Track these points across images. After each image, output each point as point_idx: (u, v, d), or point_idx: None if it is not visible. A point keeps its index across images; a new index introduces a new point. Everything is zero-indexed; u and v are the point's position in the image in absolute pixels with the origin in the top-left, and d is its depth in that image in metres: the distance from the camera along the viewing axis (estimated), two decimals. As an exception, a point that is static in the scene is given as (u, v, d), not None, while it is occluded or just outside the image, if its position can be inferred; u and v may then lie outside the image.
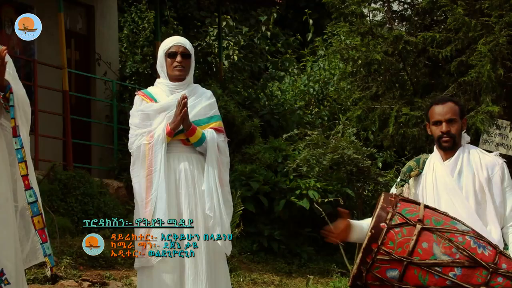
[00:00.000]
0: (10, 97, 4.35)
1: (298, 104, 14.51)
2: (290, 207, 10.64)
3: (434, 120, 4.24)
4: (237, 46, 15.51)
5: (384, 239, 3.58)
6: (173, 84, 4.86)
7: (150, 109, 4.83)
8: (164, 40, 5.00)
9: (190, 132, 4.76)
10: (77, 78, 12.45)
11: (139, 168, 4.77)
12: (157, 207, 4.65)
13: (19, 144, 4.35)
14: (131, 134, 4.86)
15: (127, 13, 15.14)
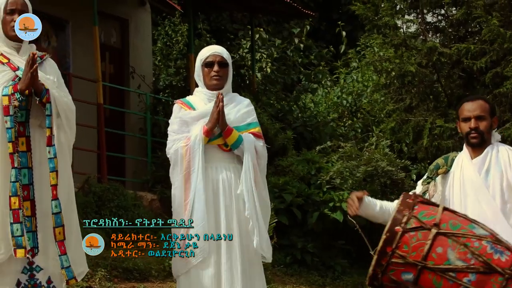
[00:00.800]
0: (47, 106, 4.40)
1: (331, 116, 14.48)
2: (323, 220, 10.60)
3: (463, 117, 4.24)
4: (270, 58, 15.53)
5: (399, 243, 3.57)
6: (211, 93, 4.86)
7: (188, 116, 4.84)
8: (201, 50, 5.01)
9: (226, 132, 4.75)
10: (112, 91, 12.55)
11: (177, 172, 4.76)
12: (195, 207, 4.64)
13: (53, 153, 4.39)
14: (169, 140, 4.86)
15: (161, 26, 15.24)
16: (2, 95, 4.33)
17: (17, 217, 4.26)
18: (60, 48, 11.74)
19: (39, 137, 4.46)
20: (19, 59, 4.48)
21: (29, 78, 4.33)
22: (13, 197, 4.27)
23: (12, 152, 4.29)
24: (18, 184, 4.27)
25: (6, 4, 4.49)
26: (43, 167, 4.42)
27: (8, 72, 4.44)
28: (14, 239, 4.25)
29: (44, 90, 4.40)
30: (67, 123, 4.51)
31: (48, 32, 11.55)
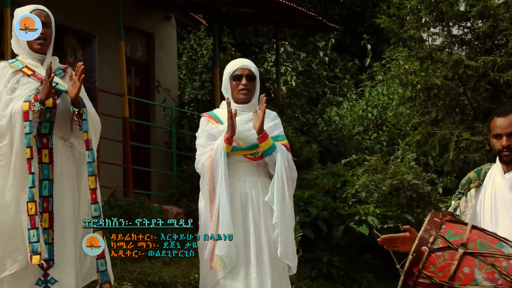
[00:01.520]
0: (84, 111, 4.44)
1: (357, 129, 14.43)
2: (349, 233, 10.55)
3: (494, 133, 4.11)
4: (295, 71, 15.54)
5: (426, 263, 3.53)
6: (238, 106, 4.87)
7: (215, 130, 4.85)
8: (225, 66, 5.02)
9: (262, 137, 4.74)
10: (137, 105, 12.61)
11: (204, 184, 4.77)
12: (220, 218, 4.64)
13: (91, 157, 4.43)
14: (197, 154, 4.87)
15: (186, 40, 15.31)
16: (24, 101, 4.37)
17: (33, 223, 4.26)
18: (87, 62, 11.81)
19: (62, 149, 4.49)
20: (42, 70, 4.52)
21: (48, 87, 4.37)
22: (30, 202, 4.28)
23: (29, 158, 4.31)
24: (34, 190, 4.28)
25: None
26: (63, 180, 4.44)
27: (33, 83, 4.49)
28: (31, 245, 4.26)
29: (82, 102, 4.45)
30: (95, 133, 4.55)
31: (75, 46, 11.64)
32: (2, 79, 4.48)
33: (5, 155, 4.36)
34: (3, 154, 4.37)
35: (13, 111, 4.36)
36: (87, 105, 4.52)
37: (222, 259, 4.60)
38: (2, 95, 4.42)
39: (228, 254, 4.59)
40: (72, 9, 11.05)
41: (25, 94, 4.43)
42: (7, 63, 4.58)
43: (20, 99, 4.40)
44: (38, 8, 4.58)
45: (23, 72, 4.51)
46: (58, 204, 4.41)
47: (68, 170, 4.47)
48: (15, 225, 4.31)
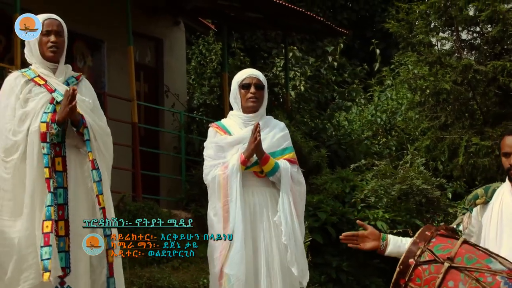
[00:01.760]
0: (85, 132, 4.45)
1: (366, 134, 14.42)
2: (358, 239, 10.52)
3: (504, 151, 4.09)
4: (304, 76, 15.53)
5: (412, 276, 3.57)
6: (247, 116, 4.88)
7: (224, 141, 4.86)
8: (233, 72, 5.04)
9: (263, 160, 4.77)
10: (146, 110, 12.63)
11: (215, 200, 4.78)
12: (234, 238, 4.65)
13: (98, 177, 4.44)
14: (205, 166, 4.88)
15: (195, 45, 15.33)
16: (41, 121, 4.38)
17: (47, 241, 4.28)
18: (96, 68, 11.86)
19: (75, 157, 4.50)
20: (55, 80, 4.53)
21: (67, 112, 4.38)
22: (46, 221, 4.29)
23: (48, 177, 4.33)
24: (52, 209, 4.30)
25: (42, 25, 4.54)
26: (77, 188, 4.45)
27: (46, 94, 4.49)
28: (42, 262, 4.27)
29: (81, 121, 4.45)
30: (104, 146, 4.56)
31: (84, 52, 11.68)
32: (15, 90, 4.49)
33: (12, 168, 4.38)
34: (11, 167, 4.38)
35: (30, 130, 4.38)
36: (90, 121, 4.50)
37: (230, 278, 4.62)
38: (16, 109, 4.43)
39: (237, 273, 4.61)
40: (81, 14, 11.08)
41: (39, 108, 4.43)
42: (20, 73, 4.59)
43: (37, 116, 4.40)
44: (51, 17, 4.60)
45: (35, 82, 4.52)
46: (73, 212, 4.43)
47: (82, 178, 4.49)
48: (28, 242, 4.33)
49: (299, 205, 4.86)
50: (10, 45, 9.94)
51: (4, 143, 4.40)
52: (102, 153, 4.54)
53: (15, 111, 4.43)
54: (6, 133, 4.40)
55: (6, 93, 4.50)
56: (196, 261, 8.59)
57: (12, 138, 4.38)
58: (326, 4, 19.25)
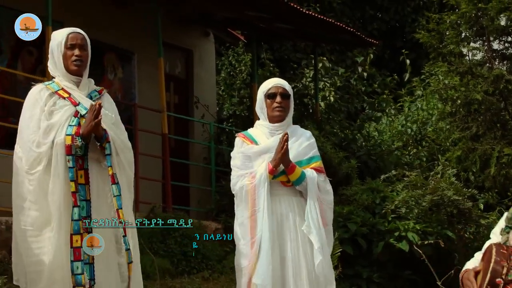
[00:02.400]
0: (106, 146, 4.47)
1: (396, 145, 14.34)
2: (389, 249, 10.46)
3: None
4: (334, 87, 15.50)
5: None
6: (273, 126, 4.89)
7: (251, 151, 4.87)
8: (262, 83, 5.05)
9: (289, 170, 4.76)
10: (176, 121, 12.68)
11: (243, 209, 4.79)
12: (261, 247, 4.65)
13: (118, 191, 4.45)
14: (232, 176, 4.90)
15: (225, 56, 15.38)
16: (66, 134, 4.41)
17: (78, 255, 4.30)
18: (126, 79, 11.93)
19: (97, 170, 4.52)
20: (79, 94, 4.55)
21: (92, 126, 4.40)
22: (75, 235, 4.32)
23: (74, 191, 4.35)
24: (81, 223, 4.33)
25: (67, 39, 4.57)
26: (100, 200, 4.47)
27: (70, 107, 4.51)
28: (74, 277, 4.29)
29: (104, 136, 4.48)
30: (126, 161, 4.58)
31: (115, 63, 11.75)
32: (39, 102, 4.51)
33: (36, 180, 4.40)
34: (35, 179, 4.40)
35: (55, 142, 4.40)
36: (113, 135, 4.52)
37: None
38: (41, 121, 4.46)
39: (265, 284, 4.61)
40: (112, 26, 11.17)
41: (63, 121, 4.45)
42: (44, 85, 4.61)
43: (62, 129, 4.43)
44: (75, 31, 4.62)
45: (59, 95, 4.54)
46: (96, 225, 4.44)
47: (103, 191, 4.50)
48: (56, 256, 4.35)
49: (326, 214, 4.85)
50: (42, 57, 10.03)
51: (28, 155, 4.42)
52: (123, 168, 4.55)
53: (40, 122, 4.45)
54: (30, 145, 4.42)
55: (31, 105, 4.53)
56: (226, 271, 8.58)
57: (36, 150, 4.40)
58: (356, 15, 19.21)
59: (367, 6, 19.30)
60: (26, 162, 4.42)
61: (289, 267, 4.71)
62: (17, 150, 4.50)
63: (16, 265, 4.47)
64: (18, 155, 4.47)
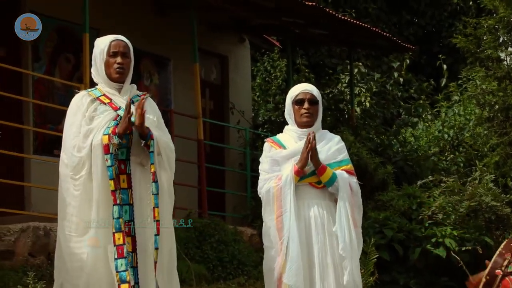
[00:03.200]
0: (150, 143, 4.50)
1: (433, 150, 14.24)
2: (426, 255, 10.39)
3: None
4: (369, 92, 15.44)
5: (499, 286, 3.49)
6: (301, 131, 4.89)
7: (279, 155, 4.88)
8: (291, 89, 5.05)
9: (320, 170, 4.76)
10: (212, 127, 12.71)
11: (269, 212, 4.81)
12: (289, 248, 4.65)
13: (156, 190, 4.47)
14: (260, 179, 4.93)
15: (260, 62, 15.39)
16: (103, 134, 4.44)
17: (121, 253, 4.34)
18: (162, 85, 12.00)
19: (140, 174, 4.54)
20: (120, 99, 4.58)
21: (126, 122, 4.43)
22: (117, 233, 4.35)
23: (114, 190, 4.38)
24: (121, 220, 4.36)
25: (109, 47, 4.60)
26: (143, 204, 4.49)
27: (110, 112, 4.54)
28: (118, 274, 4.32)
29: (149, 134, 4.50)
30: (168, 162, 4.59)
31: (151, 70, 11.83)
32: (81, 108, 4.55)
33: (82, 185, 4.44)
34: (80, 184, 4.44)
35: (93, 144, 4.44)
36: (156, 135, 4.55)
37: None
38: (82, 126, 4.50)
39: (296, 284, 4.61)
40: (147, 33, 11.24)
41: (103, 124, 4.49)
42: (86, 92, 4.66)
43: (100, 131, 4.47)
44: (118, 39, 4.65)
45: (100, 100, 4.58)
46: (139, 228, 4.47)
47: (146, 195, 4.52)
48: (96, 257, 4.38)
49: (357, 216, 4.84)
50: (79, 64, 10.13)
51: (70, 161, 4.47)
52: (165, 168, 4.57)
53: (80, 128, 4.49)
54: (71, 150, 4.47)
55: (73, 111, 4.58)
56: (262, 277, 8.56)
57: (77, 155, 4.45)
58: (392, 20, 19.13)
59: (403, 11, 19.20)
60: (70, 168, 4.46)
61: (316, 271, 4.71)
62: (62, 156, 4.55)
63: (59, 270, 4.52)
64: (64, 161, 4.52)
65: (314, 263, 4.71)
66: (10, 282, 7.07)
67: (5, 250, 7.65)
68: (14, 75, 9.50)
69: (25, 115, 9.76)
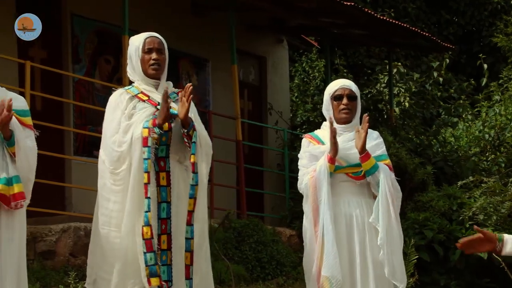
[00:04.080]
0: (194, 134, 4.51)
1: (473, 151, 14.09)
2: (466, 257, 10.29)
3: None
4: (408, 92, 15.34)
5: None
6: (340, 126, 4.86)
7: (317, 150, 4.87)
8: (329, 84, 5.03)
9: (364, 157, 4.73)
10: (250, 128, 12.72)
11: (307, 204, 4.80)
12: (325, 239, 4.64)
13: (195, 180, 4.48)
14: (299, 175, 4.92)
15: (298, 63, 15.37)
16: (143, 127, 4.47)
17: (150, 247, 4.34)
18: (200, 86, 12.04)
19: (179, 172, 4.56)
20: (157, 96, 4.60)
21: (165, 112, 4.45)
22: (145, 226, 4.36)
23: (146, 183, 4.39)
24: (150, 214, 4.36)
25: (144, 43, 4.63)
26: (180, 202, 4.50)
27: (149, 108, 4.57)
28: (148, 268, 4.33)
29: (191, 124, 4.51)
30: (206, 156, 4.60)
31: (189, 71, 11.88)
32: (120, 105, 4.59)
33: (123, 179, 4.46)
34: (121, 179, 4.47)
35: (133, 137, 4.46)
36: (198, 128, 4.56)
37: (329, 280, 4.59)
38: (121, 122, 4.53)
39: (334, 275, 4.58)
40: (186, 34, 11.29)
41: (142, 119, 4.51)
42: (124, 90, 4.68)
43: (139, 125, 4.49)
44: (152, 35, 4.68)
45: (138, 98, 4.61)
46: (176, 226, 4.48)
47: (185, 193, 4.53)
48: (132, 251, 4.40)
49: (397, 210, 4.80)
50: (119, 65, 10.20)
51: (110, 156, 4.50)
52: (202, 162, 4.58)
53: (120, 124, 4.52)
54: (112, 145, 4.50)
55: (112, 108, 4.61)
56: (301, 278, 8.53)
57: (117, 150, 4.47)
58: (431, 20, 18.97)
59: (443, 10, 19.04)
60: (110, 163, 4.49)
61: (357, 268, 4.69)
62: (100, 153, 4.59)
63: (93, 266, 4.55)
64: (102, 158, 4.55)
65: (355, 261, 4.69)
66: (51, 282, 7.15)
67: (47, 250, 7.74)
68: (55, 77, 9.60)
69: (65, 117, 9.87)
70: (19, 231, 4.28)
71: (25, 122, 4.40)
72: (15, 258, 4.22)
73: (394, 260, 4.69)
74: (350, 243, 4.72)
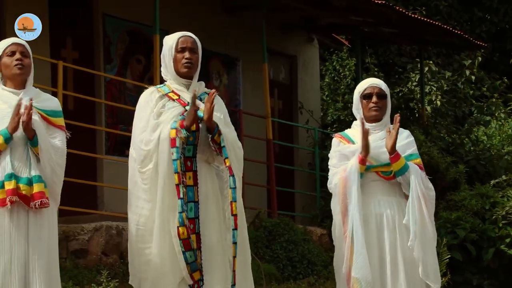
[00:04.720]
0: (221, 138, 4.51)
1: (506, 149, 13.97)
2: (500, 256, 10.21)
3: None
4: (440, 91, 15.24)
5: None
6: (370, 125, 4.83)
7: (347, 150, 4.85)
8: (358, 84, 5.02)
9: (394, 157, 4.70)
10: (280, 127, 12.72)
11: (336, 204, 4.79)
12: (355, 239, 4.62)
13: (233, 183, 4.48)
14: (329, 174, 4.91)
15: (328, 61, 15.33)
16: (171, 128, 4.48)
17: (188, 245, 4.36)
18: (231, 85, 12.05)
19: (206, 171, 4.56)
20: (188, 95, 4.59)
21: (193, 115, 4.44)
22: (181, 227, 4.36)
23: (178, 183, 4.39)
24: (184, 215, 4.37)
25: (177, 43, 4.63)
26: (208, 202, 4.50)
27: (178, 108, 4.56)
28: (189, 265, 4.35)
29: (216, 129, 4.51)
30: (236, 158, 4.59)
31: (220, 70, 11.90)
32: (150, 104, 4.59)
33: (149, 178, 4.46)
34: (147, 178, 4.47)
35: (160, 137, 4.46)
36: (224, 131, 4.55)
37: (359, 281, 4.57)
38: (150, 120, 4.54)
39: (364, 276, 4.56)
40: (217, 33, 11.31)
41: (170, 119, 4.51)
42: (155, 88, 4.69)
43: (167, 125, 4.49)
44: (186, 35, 4.67)
45: (168, 97, 4.61)
46: (204, 226, 4.48)
47: (213, 193, 4.53)
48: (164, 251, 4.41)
49: (430, 209, 4.75)
50: (150, 65, 10.25)
51: (138, 154, 4.51)
52: (235, 164, 4.58)
53: (148, 122, 4.53)
54: (139, 144, 4.51)
55: (142, 106, 4.62)
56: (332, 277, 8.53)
57: (144, 148, 4.48)
58: (464, 17, 18.82)
59: (475, 8, 18.88)
60: (138, 162, 4.50)
61: (388, 268, 4.66)
62: (131, 151, 4.60)
63: (132, 265, 4.57)
64: (132, 156, 4.56)
65: (386, 261, 4.67)
66: (84, 281, 7.21)
67: (79, 249, 7.80)
68: (86, 77, 9.67)
69: (97, 116, 9.94)
70: (48, 230, 4.31)
71: (55, 123, 4.43)
72: (44, 257, 4.25)
73: (428, 260, 4.66)
74: (380, 243, 4.69)
